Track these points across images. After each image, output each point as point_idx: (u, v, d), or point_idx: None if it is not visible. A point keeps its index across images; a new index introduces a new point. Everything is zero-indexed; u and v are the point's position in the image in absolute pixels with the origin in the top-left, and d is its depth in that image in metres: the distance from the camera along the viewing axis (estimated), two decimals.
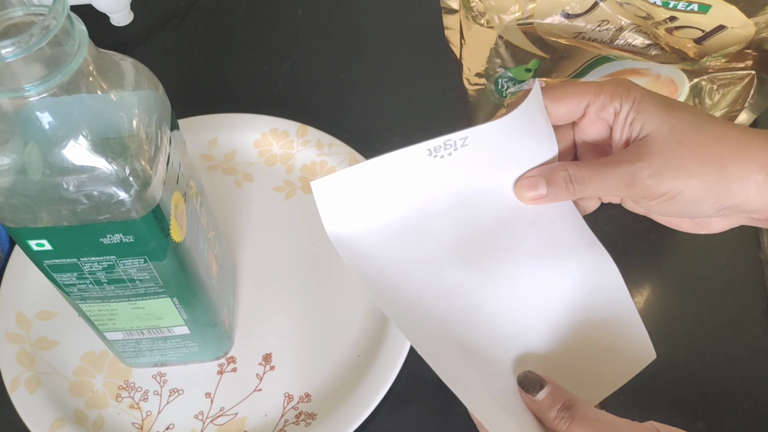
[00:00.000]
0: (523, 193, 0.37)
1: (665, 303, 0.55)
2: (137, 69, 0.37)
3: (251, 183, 0.60)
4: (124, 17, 0.69)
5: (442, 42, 0.58)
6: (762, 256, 0.57)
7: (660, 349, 0.53)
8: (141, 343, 0.47)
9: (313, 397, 0.50)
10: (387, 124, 0.65)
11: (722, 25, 0.46)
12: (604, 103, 0.36)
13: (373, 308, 0.54)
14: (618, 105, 0.35)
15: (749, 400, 0.50)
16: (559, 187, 0.36)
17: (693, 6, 0.46)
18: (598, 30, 0.49)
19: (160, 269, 0.39)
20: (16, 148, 0.33)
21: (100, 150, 0.33)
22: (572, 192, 0.36)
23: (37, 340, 0.52)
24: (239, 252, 0.57)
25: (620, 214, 0.60)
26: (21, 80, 0.31)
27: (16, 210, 0.34)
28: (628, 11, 0.47)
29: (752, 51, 0.47)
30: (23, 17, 0.32)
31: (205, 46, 0.71)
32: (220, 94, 0.67)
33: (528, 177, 0.36)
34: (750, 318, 0.54)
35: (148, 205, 0.35)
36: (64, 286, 0.40)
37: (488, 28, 0.50)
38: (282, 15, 0.73)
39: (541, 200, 0.36)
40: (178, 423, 0.49)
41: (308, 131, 0.61)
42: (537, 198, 0.36)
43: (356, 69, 0.69)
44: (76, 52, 0.32)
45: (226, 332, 0.50)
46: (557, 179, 0.36)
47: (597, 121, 0.37)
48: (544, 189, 0.36)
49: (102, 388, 0.50)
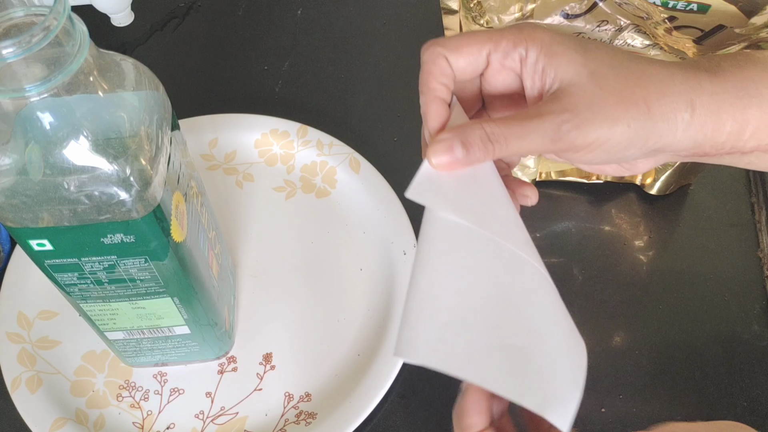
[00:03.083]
0: (435, 158, 0.32)
1: (664, 302, 0.55)
2: (138, 69, 0.37)
3: (252, 183, 0.60)
4: (125, 18, 0.69)
5: None
6: (761, 254, 0.57)
7: (659, 348, 0.53)
8: (142, 342, 0.47)
9: (314, 396, 0.50)
10: (387, 124, 0.65)
11: (722, 25, 0.46)
12: (506, 50, 0.33)
13: (373, 308, 0.54)
14: (523, 51, 0.32)
15: (748, 399, 0.50)
16: (477, 148, 0.31)
17: (692, 6, 0.46)
18: (598, 30, 0.49)
19: (161, 269, 0.39)
20: (17, 148, 0.33)
21: (101, 150, 0.33)
22: (491, 152, 0.32)
23: (38, 339, 0.52)
24: (240, 252, 0.57)
25: (619, 212, 0.60)
26: (22, 80, 0.31)
27: (17, 210, 0.34)
28: (628, 11, 0.47)
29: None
30: (24, 18, 0.32)
31: (205, 46, 0.71)
32: (220, 94, 0.68)
33: (440, 140, 0.32)
34: (749, 317, 0.54)
35: (149, 205, 0.35)
36: (64, 285, 0.40)
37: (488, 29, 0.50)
38: (282, 15, 0.73)
39: (456, 165, 0.32)
40: (179, 422, 0.49)
41: (308, 131, 0.61)
42: (452, 163, 0.32)
43: (356, 69, 0.69)
44: (77, 53, 0.32)
45: (227, 332, 0.50)
46: (473, 140, 0.31)
47: (503, 71, 0.34)
48: (459, 151, 0.32)
49: (103, 387, 0.50)
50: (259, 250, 0.57)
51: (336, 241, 0.57)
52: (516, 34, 0.33)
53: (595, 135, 0.31)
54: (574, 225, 0.59)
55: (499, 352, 0.30)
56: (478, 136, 0.31)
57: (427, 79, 0.34)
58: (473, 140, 0.32)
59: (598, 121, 0.31)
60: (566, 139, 0.31)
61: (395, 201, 0.57)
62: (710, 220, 0.59)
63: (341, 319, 0.54)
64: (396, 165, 0.61)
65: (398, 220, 0.56)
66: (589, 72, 0.31)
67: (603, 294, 0.55)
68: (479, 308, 0.31)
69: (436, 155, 0.32)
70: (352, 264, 0.56)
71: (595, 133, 0.31)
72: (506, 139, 0.31)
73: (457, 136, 0.32)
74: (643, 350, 0.53)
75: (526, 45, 0.32)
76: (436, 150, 0.32)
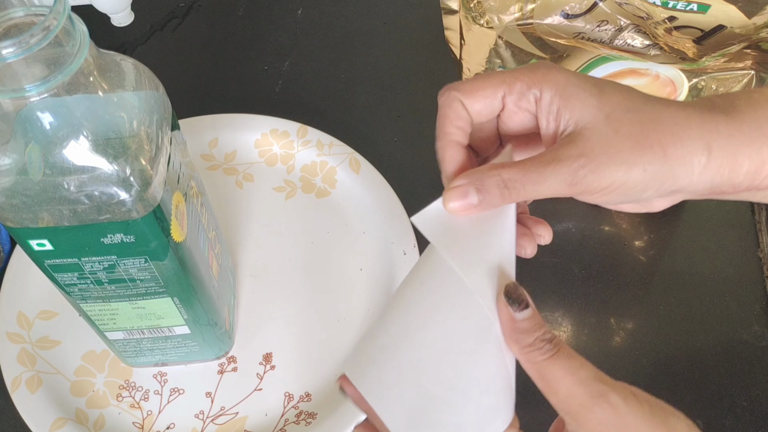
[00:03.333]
0: (450, 203, 0.32)
1: (664, 302, 0.55)
2: (138, 69, 0.37)
3: (252, 183, 0.60)
4: (125, 18, 0.69)
5: (441, 42, 0.58)
6: (761, 254, 0.57)
7: (659, 348, 0.53)
8: (142, 342, 0.47)
9: (314, 396, 0.50)
10: (387, 124, 0.65)
11: (721, 25, 0.46)
12: (521, 92, 0.33)
13: (373, 308, 0.54)
14: (537, 92, 0.32)
15: (748, 399, 0.50)
16: (492, 194, 0.32)
17: (692, 6, 0.46)
18: (598, 30, 0.49)
19: (161, 269, 0.39)
20: (17, 148, 0.33)
21: (101, 150, 0.33)
22: (507, 198, 0.32)
23: (38, 339, 0.52)
24: (240, 252, 0.57)
25: (619, 214, 0.60)
26: (22, 80, 0.31)
27: (17, 210, 0.34)
28: (628, 11, 0.47)
29: (752, 51, 0.47)
30: (24, 18, 0.32)
31: (205, 46, 0.71)
32: (220, 94, 0.68)
33: (456, 186, 0.32)
34: (749, 317, 0.54)
35: (149, 205, 0.35)
36: (64, 285, 0.40)
37: (488, 29, 0.50)
38: (282, 15, 0.73)
39: (471, 210, 0.32)
40: (179, 422, 0.49)
41: (308, 131, 0.61)
42: (467, 208, 0.32)
43: (356, 69, 0.69)
44: (77, 53, 0.32)
45: (227, 332, 0.50)
46: (489, 186, 0.32)
47: (518, 112, 0.34)
48: (475, 198, 0.32)
49: (103, 387, 0.50)
50: (259, 250, 0.57)
51: (336, 241, 0.57)
52: (530, 75, 0.33)
53: (611, 179, 0.31)
54: (574, 225, 0.59)
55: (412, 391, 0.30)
56: (494, 182, 0.32)
57: (443, 123, 0.34)
58: (489, 186, 0.32)
59: (614, 166, 0.31)
60: (583, 183, 0.31)
61: (395, 201, 0.57)
62: (710, 220, 0.59)
63: (341, 319, 0.54)
64: (396, 165, 0.61)
65: (398, 220, 0.56)
66: (604, 115, 0.32)
67: (603, 294, 0.55)
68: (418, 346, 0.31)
69: (452, 200, 0.32)
70: (352, 264, 0.56)
71: (611, 177, 0.31)
72: (523, 185, 0.32)
73: (472, 182, 0.32)
74: (643, 350, 0.53)
75: (540, 86, 0.33)
76: (452, 195, 0.32)
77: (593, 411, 0.29)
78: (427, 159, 0.62)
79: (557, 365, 0.30)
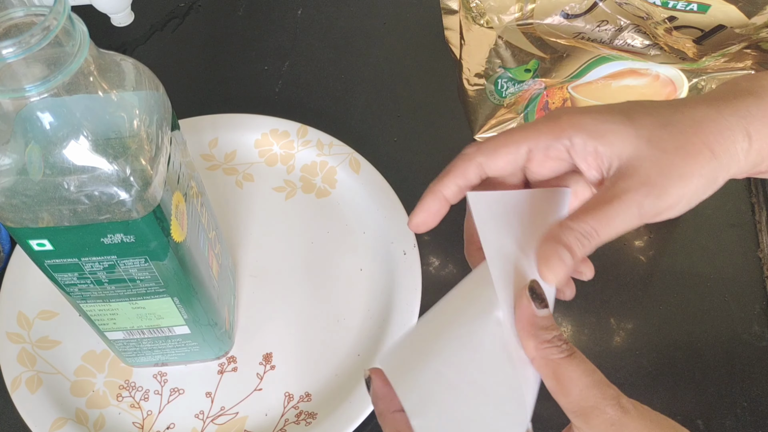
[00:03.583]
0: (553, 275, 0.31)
1: (664, 302, 0.55)
2: (138, 69, 0.37)
3: (252, 183, 0.60)
4: (125, 18, 0.69)
5: (441, 42, 0.58)
6: (761, 254, 0.57)
7: (659, 348, 0.53)
8: (142, 342, 0.47)
9: (314, 396, 0.50)
10: (387, 124, 0.65)
11: (721, 25, 0.46)
12: (549, 144, 0.33)
13: (373, 308, 0.54)
14: (567, 141, 0.33)
15: (748, 399, 0.50)
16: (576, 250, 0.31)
17: (692, 6, 0.46)
18: (598, 30, 0.49)
19: (161, 269, 0.39)
20: (17, 148, 0.33)
21: (101, 150, 0.33)
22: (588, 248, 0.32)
23: (38, 339, 0.52)
24: (240, 252, 0.57)
25: None
26: (22, 80, 0.31)
27: (17, 210, 0.34)
28: (628, 11, 0.47)
29: (752, 51, 0.47)
30: (24, 18, 0.32)
31: (205, 46, 0.71)
32: (220, 94, 0.68)
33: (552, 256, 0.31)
34: (749, 317, 0.54)
35: (149, 205, 0.35)
36: (64, 285, 0.40)
37: (488, 29, 0.50)
38: (282, 15, 0.73)
39: (570, 272, 0.32)
40: (179, 422, 0.49)
41: (308, 131, 0.61)
42: (568, 272, 0.32)
43: (356, 69, 0.69)
44: (77, 53, 0.32)
45: (227, 332, 0.50)
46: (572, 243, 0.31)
47: (548, 161, 0.34)
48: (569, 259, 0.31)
49: (103, 387, 0.50)
50: (259, 250, 0.57)
51: (336, 241, 0.57)
52: (553, 127, 0.33)
53: (676, 196, 0.32)
54: None
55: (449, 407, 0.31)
56: (573, 238, 0.32)
57: (447, 173, 0.35)
58: (572, 244, 0.32)
59: (674, 183, 0.32)
60: (651, 210, 0.32)
61: (395, 201, 0.57)
62: (710, 220, 0.59)
63: (341, 318, 0.54)
64: (396, 165, 0.61)
65: (398, 220, 0.56)
66: (645, 140, 0.32)
67: (603, 294, 0.55)
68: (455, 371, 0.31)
69: (555, 273, 0.31)
70: (352, 264, 0.56)
71: (675, 195, 0.32)
72: (597, 231, 0.32)
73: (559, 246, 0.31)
74: (643, 350, 0.53)
75: (569, 135, 0.33)
76: (553, 267, 0.31)
77: (606, 412, 0.29)
78: (427, 159, 0.63)
79: (574, 365, 0.30)
